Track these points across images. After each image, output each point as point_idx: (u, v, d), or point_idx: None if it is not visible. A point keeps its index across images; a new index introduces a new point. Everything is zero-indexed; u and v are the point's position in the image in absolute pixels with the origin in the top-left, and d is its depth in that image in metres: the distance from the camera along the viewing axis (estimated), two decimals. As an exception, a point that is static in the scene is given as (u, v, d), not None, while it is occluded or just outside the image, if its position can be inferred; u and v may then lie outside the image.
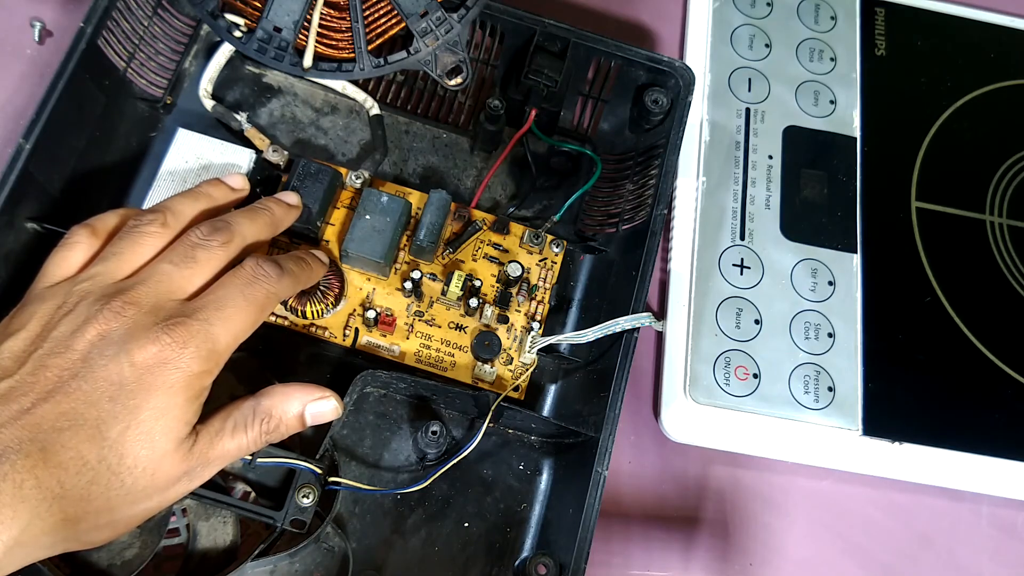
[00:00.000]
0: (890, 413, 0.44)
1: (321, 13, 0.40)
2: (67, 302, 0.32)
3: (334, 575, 0.38)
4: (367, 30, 0.40)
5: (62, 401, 0.29)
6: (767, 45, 0.51)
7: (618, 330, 0.39)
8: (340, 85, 0.45)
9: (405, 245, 0.42)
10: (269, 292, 0.34)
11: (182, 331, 0.31)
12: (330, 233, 0.42)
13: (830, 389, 0.44)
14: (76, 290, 0.32)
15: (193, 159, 0.41)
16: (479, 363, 0.41)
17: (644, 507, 0.43)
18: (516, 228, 0.44)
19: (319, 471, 0.37)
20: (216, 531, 0.38)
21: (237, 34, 0.41)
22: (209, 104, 0.44)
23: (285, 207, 0.39)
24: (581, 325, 0.43)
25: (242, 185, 0.39)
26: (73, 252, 0.34)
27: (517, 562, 0.40)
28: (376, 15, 0.40)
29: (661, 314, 0.45)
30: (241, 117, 0.44)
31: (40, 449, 0.28)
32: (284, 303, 0.40)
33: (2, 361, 0.30)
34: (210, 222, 0.35)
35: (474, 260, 0.43)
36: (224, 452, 0.33)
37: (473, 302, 0.41)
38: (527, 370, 0.41)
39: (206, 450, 0.32)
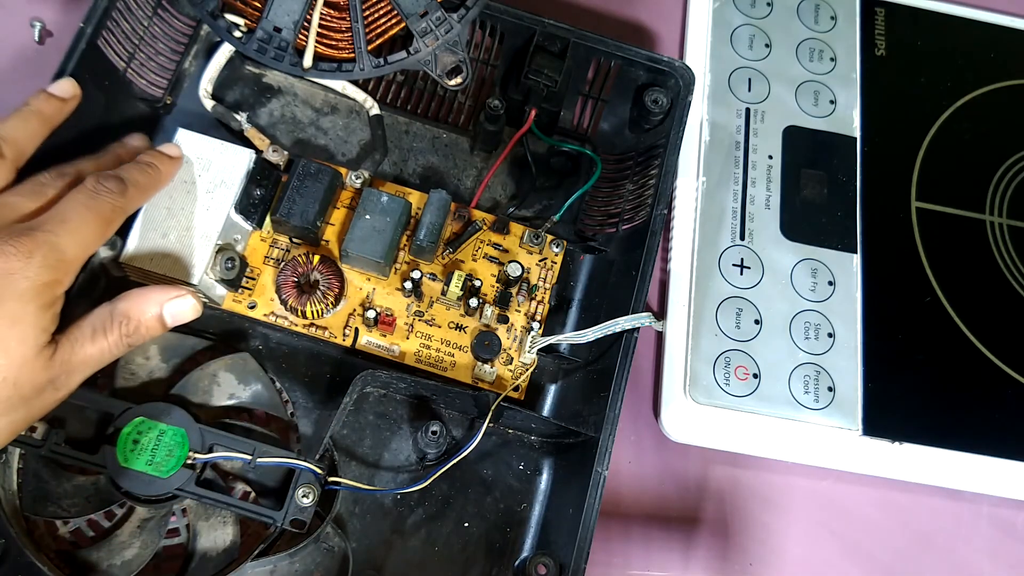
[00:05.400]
0: (890, 413, 0.44)
1: (321, 13, 0.40)
2: None
3: (334, 575, 0.38)
4: (367, 30, 0.40)
5: None
6: (767, 45, 0.51)
7: (618, 330, 0.39)
8: (340, 85, 0.45)
9: (405, 245, 0.42)
10: (114, 206, 0.34)
11: (27, 241, 0.31)
12: (330, 233, 0.42)
13: (830, 389, 0.44)
14: None
15: (193, 159, 0.41)
16: (479, 363, 0.41)
17: (644, 507, 0.43)
18: (516, 228, 0.44)
19: (319, 471, 0.37)
20: (216, 531, 0.38)
21: (237, 34, 0.41)
22: (209, 104, 0.44)
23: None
24: (581, 325, 0.43)
25: (72, 91, 0.38)
26: None
27: (517, 562, 0.40)
28: (376, 15, 0.40)
29: (661, 314, 0.45)
30: (241, 117, 0.44)
31: None
32: (284, 303, 0.40)
33: None
34: (57, 169, 0.35)
35: (474, 260, 0.43)
36: (87, 358, 0.33)
37: (473, 302, 0.41)
38: (527, 370, 0.41)
39: (68, 357, 0.33)
